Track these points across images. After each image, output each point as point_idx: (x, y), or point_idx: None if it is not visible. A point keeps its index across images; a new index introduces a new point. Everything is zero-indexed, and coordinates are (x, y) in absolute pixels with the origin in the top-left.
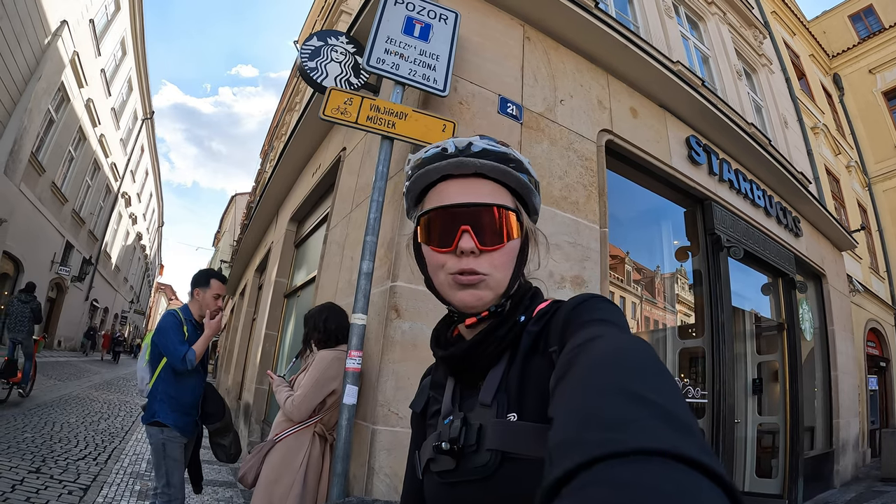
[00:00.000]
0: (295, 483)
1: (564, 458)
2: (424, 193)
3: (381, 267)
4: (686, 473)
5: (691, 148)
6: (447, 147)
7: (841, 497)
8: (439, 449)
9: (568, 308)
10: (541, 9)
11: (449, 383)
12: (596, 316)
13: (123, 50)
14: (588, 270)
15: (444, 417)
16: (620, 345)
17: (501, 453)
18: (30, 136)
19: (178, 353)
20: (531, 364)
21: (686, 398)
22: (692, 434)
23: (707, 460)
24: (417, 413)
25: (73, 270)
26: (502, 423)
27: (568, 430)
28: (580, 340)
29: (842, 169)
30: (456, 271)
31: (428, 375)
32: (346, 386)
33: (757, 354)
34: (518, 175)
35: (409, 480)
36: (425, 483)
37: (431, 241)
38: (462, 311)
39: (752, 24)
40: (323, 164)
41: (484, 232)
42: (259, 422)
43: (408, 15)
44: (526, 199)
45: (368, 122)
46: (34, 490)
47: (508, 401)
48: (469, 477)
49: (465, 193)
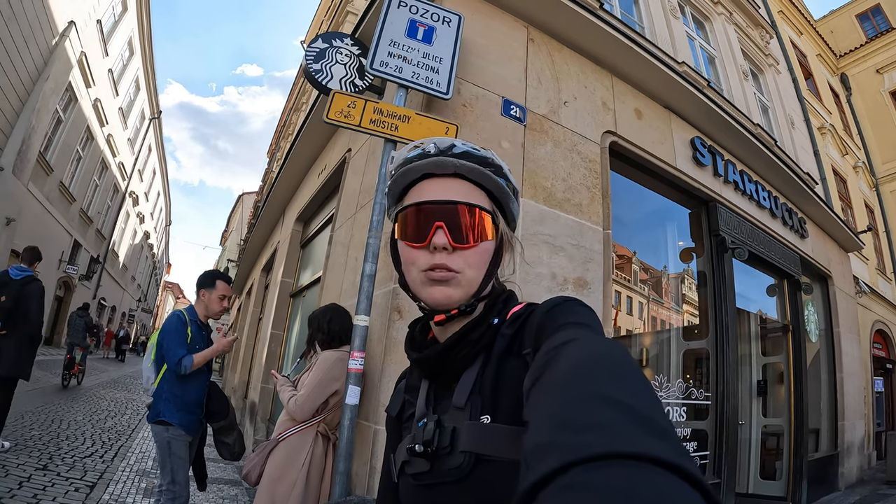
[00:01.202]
0: (298, 481)
1: (540, 463)
2: (405, 192)
3: (384, 268)
4: (663, 476)
5: (696, 149)
6: (429, 148)
7: (845, 500)
8: (413, 451)
9: (542, 311)
10: (545, 10)
11: (423, 386)
12: (571, 319)
13: (131, 50)
14: (591, 272)
15: (417, 420)
16: (595, 348)
17: (475, 455)
18: (38, 135)
19: (175, 356)
20: (505, 366)
21: (690, 399)
22: (668, 437)
23: (684, 463)
24: (393, 416)
25: (80, 269)
26: (476, 426)
27: (543, 434)
28: (555, 343)
29: (849, 169)
30: (428, 267)
31: (403, 379)
32: (349, 387)
33: (762, 356)
34: (497, 179)
35: (384, 483)
36: (401, 485)
37: (407, 237)
38: (431, 308)
39: (758, 23)
40: (329, 164)
41: (458, 229)
42: (265, 420)
43: (411, 18)
44: (503, 204)
45: (372, 126)
46: (41, 487)
47: (482, 403)
48: (443, 479)
49: (443, 191)
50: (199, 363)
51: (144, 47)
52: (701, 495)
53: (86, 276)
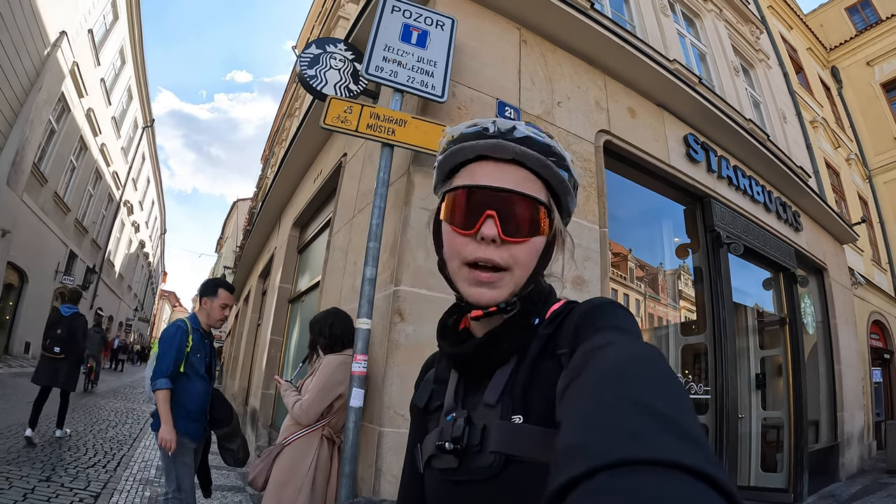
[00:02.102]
0: (304, 485)
1: (570, 465)
2: (456, 171)
3: (385, 272)
4: (692, 485)
5: (689, 146)
6: (488, 127)
7: (846, 490)
8: (442, 448)
9: (581, 312)
10: (537, 12)
11: (452, 378)
12: (609, 322)
13: (122, 59)
14: (588, 271)
15: (446, 413)
16: (632, 353)
17: (506, 456)
18: (31, 146)
19: (156, 373)
20: (540, 367)
21: (690, 394)
22: (700, 446)
23: (712, 471)
24: (420, 407)
25: (77, 279)
26: (507, 426)
27: (575, 437)
28: (592, 346)
29: (842, 162)
30: (473, 260)
31: (430, 367)
32: (353, 389)
33: (760, 349)
34: (558, 171)
35: (407, 473)
36: (426, 478)
37: (453, 221)
38: (471, 304)
39: (748, 19)
40: (324, 169)
41: (510, 221)
42: (266, 426)
43: (405, 22)
44: (561, 197)
45: (368, 130)
46: (45, 498)
47: (513, 403)
48: (472, 477)
49: (498, 177)
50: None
51: (136, 56)
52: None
53: (82, 286)
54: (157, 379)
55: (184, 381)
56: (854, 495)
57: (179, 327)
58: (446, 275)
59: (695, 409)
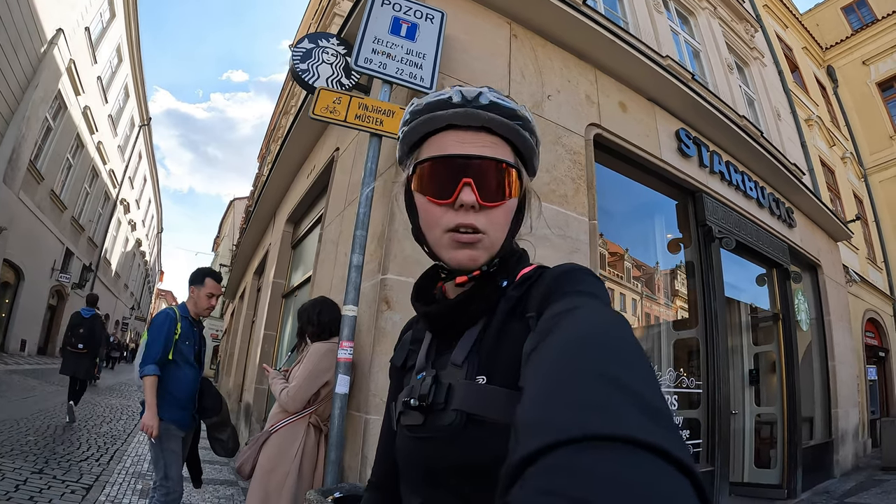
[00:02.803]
0: (290, 472)
1: (530, 438)
2: (422, 141)
3: (372, 261)
4: (651, 461)
5: (681, 141)
6: (452, 96)
7: (841, 486)
8: (408, 404)
9: (552, 275)
10: (528, 7)
11: (426, 339)
12: (579, 287)
13: (119, 57)
14: (577, 262)
15: (416, 372)
16: (599, 322)
17: (467, 414)
18: (28, 144)
19: (144, 360)
20: (507, 328)
21: (681, 388)
22: (661, 421)
23: (672, 448)
24: (398, 366)
25: (73, 277)
26: (470, 385)
27: (535, 409)
28: (559, 309)
29: (837, 160)
30: (453, 227)
31: (409, 329)
32: (339, 376)
33: (753, 345)
34: (524, 133)
35: (384, 431)
36: (397, 435)
37: (428, 192)
38: (454, 270)
39: (743, 17)
40: (317, 165)
41: (486, 187)
42: (259, 421)
43: (394, 15)
44: (527, 158)
45: (357, 121)
46: (37, 490)
47: (479, 363)
48: (435, 434)
49: (469, 146)
50: (145, 387)
51: (133, 54)
52: (690, 482)
53: (78, 284)
54: (146, 366)
55: (172, 368)
56: (849, 491)
57: (168, 315)
58: (424, 244)
59: (659, 383)
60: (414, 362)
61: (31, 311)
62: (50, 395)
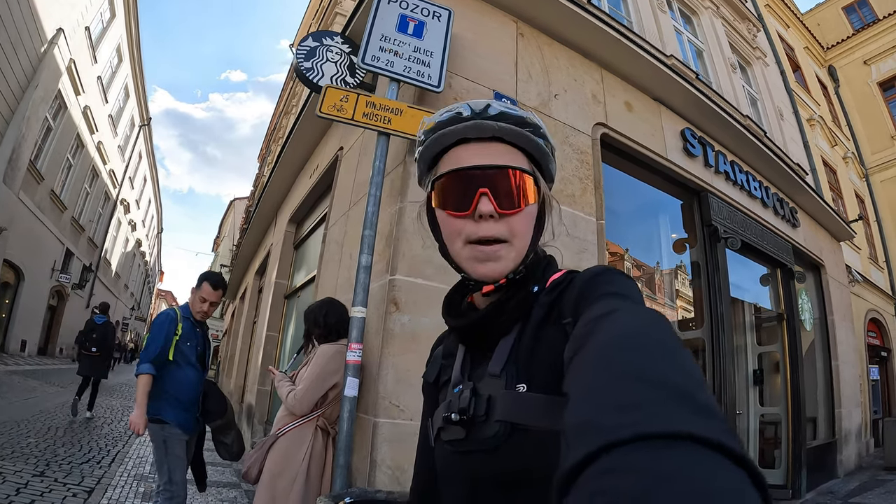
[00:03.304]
0: (298, 476)
1: (581, 443)
2: (438, 158)
3: (380, 261)
4: (707, 456)
5: (686, 140)
6: (462, 110)
7: (844, 486)
8: (449, 419)
9: (583, 279)
10: (534, 6)
11: (459, 352)
12: (612, 289)
13: (119, 56)
14: (585, 262)
15: (453, 386)
16: (638, 322)
17: (511, 424)
18: (28, 144)
19: (141, 358)
20: (543, 335)
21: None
22: (713, 416)
23: (727, 441)
24: (430, 382)
25: (73, 278)
26: (511, 394)
27: (584, 412)
28: (596, 314)
29: (839, 160)
30: (475, 239)
31: (440, 344)
32: (347, 378)
33: (757, 345)
34: (536, 139)
35: (421, 448)
36: (436, 451)
37: (448, 206)
38: (479, 282)
39: (745, 17)
40: (320, 164)
41: (502, 195)
42: (262, 423)
43: (401, 13)
44: (542, 164)
45: (364, 119)
46: (39, 493)
47: (518, 372)
48: (479, 447)
49: (483, 156)
50: (138, 385)
51: (133, 53)
52: (747, 473)
53: (78, 284)
54: (141, 364)
55: (173, 369)
56: (852, 492)
57: (168, 315)
58: (450, 259)
59: (703, 377)
60: (448, 377)
61: (31, 311)
62: (50, 395)
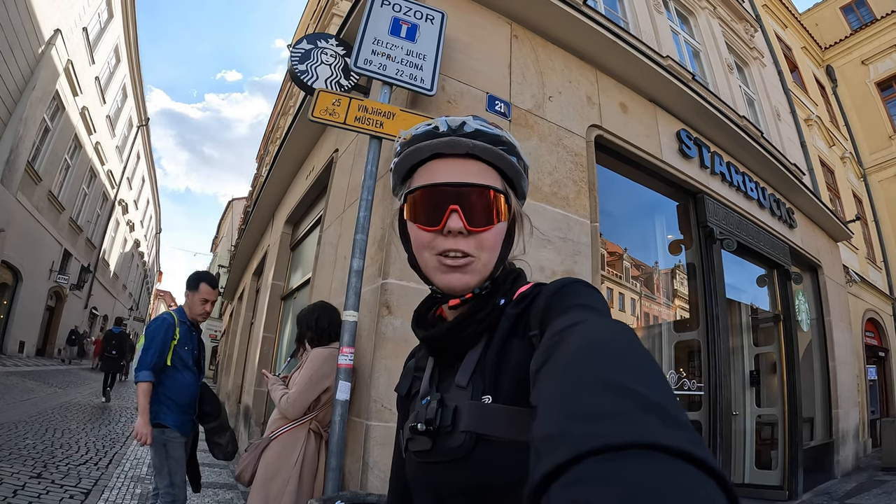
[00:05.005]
0: (291, 479)
1: (551, 454)
2: (413, 171)
3: (373, 265)
4: (676, 466)
5: (682, 142)
6: (439, 125)
7: (842, 487)
8: (416, 430)
9: (549, 292)
10: (528, 7)
11: (428, 364)
12: (578, 301)
13: (117, 57)
14: (579, 265)
15: (421, 398)
16: (604, 332)
17: (476, 435)
18: (26, 145)
19: (139, 366)
20: (509, 347)
21: (682, 390)
22: (679, 425)
23: (698, 452)
24: (402, 395)
25: (71, 278)
26: (477, 405)
27: (553, 423)
28: (562, 325)
29: (836, 160)
30: (442, 251)
31: (413, 357)
32: (339, 382)
33: (754, 346)
34: (509, 158)
35: (395, 460)
36: (406, 462)
37: (419, 220)
38: (446, 294)
39: (742, 17)
40: (316, 166)
41: (473, 213)
42: (259, 424)
43: (394, 16)
44: (515, 182)
45: (356, 123)
46: (36, 495)
47: (484, 383)
48: (444, 458)
49: (456, 173)
50: (139, 393)
51: (131, 54)
52: (717, 483)
53: (77, 285)
54: (140, 371)
55: (172, 373)
56: (849, 492)
57: (165, 320)
58: (418, 270)
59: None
60: (418, 389)
61: (29, 312)
62: (48, 397)
